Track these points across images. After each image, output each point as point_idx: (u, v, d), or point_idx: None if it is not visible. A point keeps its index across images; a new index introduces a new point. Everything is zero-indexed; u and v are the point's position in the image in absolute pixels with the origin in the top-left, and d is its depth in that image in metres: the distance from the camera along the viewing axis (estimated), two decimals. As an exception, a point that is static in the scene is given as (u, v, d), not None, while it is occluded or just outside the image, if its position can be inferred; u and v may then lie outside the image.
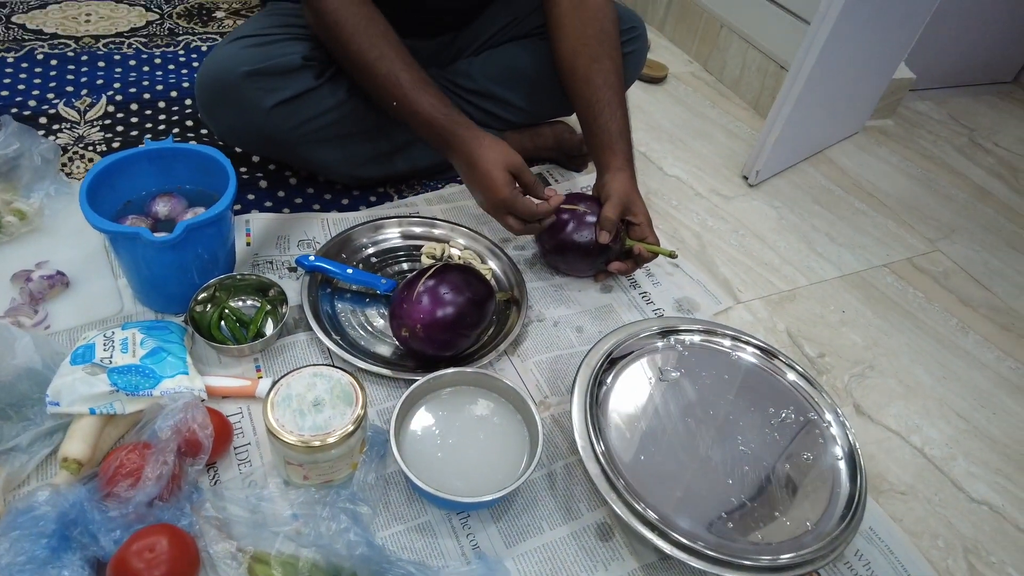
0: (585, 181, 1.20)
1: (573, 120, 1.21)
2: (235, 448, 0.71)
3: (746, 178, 1.30)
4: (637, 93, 1.52)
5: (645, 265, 1.00)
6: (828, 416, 0.78)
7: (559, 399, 0.81)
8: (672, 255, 0.92)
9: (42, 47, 1.28)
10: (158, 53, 1.33)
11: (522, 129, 1.15)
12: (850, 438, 0.76)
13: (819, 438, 0.76)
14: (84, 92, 1.17)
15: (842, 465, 0.74)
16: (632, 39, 1.05)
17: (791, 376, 0.82)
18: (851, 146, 1.53)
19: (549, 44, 0.99)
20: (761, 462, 0.73)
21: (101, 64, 1.26)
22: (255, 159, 1.08)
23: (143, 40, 1.36)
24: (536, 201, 0.86)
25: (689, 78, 1.66)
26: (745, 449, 0.73)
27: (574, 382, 0.75)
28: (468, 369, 0.72)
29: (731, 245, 1.14)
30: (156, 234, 0.73)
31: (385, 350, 0.82)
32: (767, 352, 0.84)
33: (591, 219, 0.91)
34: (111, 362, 0.68)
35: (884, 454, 0.85)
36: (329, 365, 0.67)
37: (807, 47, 1.12)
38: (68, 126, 1.09)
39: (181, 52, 1.35)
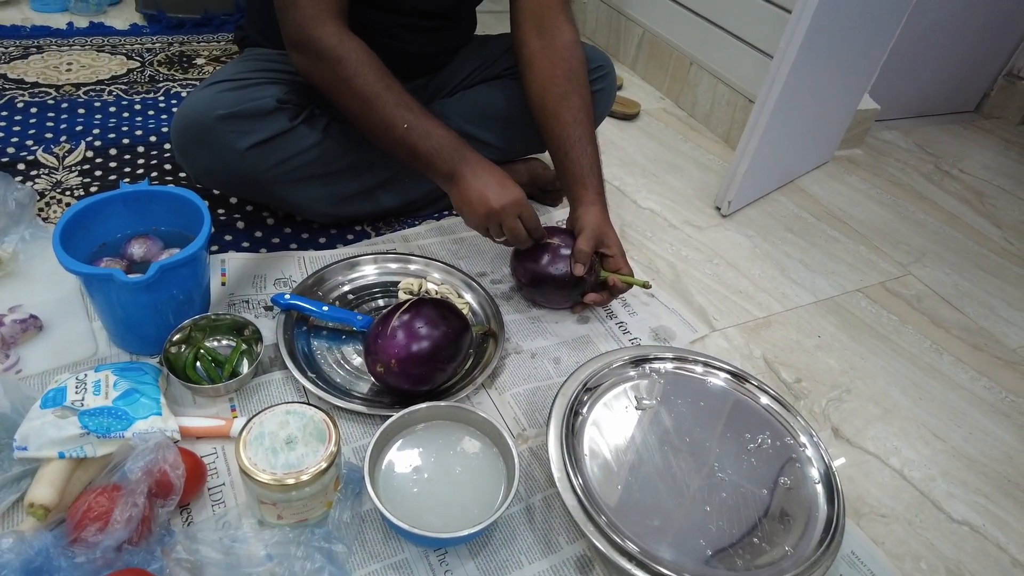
0: (560, 215, 1.22)
1: (547, 156, 1.24)
2: (209, 489, 0.70)
3: (719, 209, 1.33)
4: (611, 130, 1.55)
5: (621, 296, 1.02)
6: (803, 439, 0.79)
7: (537, 431, 0.81)
8: (646, 285, 0.94)
9: (23, 96, 1.29)
10: (138, 99, 1.35)
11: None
12: (826, 460, 0.76)
13: (795, 462, 0.76)
14: (63, 138, 1.19)
15: (819, 488, 0.74)
16: (600, 77, 1.08)
17: (764, 400, 0.82)
18: (821, 175, 1.57)
19: (520, 84, 1.02)
20: (739, 488, 0.73)
21: (81, 111, 1.27)
22: (232, 201, 1.09)
23: (124, 87, 1.38)
24: None
25: (661, 114, 1.71)
26: (723, 476, 0.73)
27: (550, 414, 0.75)
28: (443, 403, 0.72)
29: (706, 274, 1.16)
30: (130, 275, 0.73)
31: (362, 387, 0.82)
32: (739, 377, 0.84)
33: (566, 252, 0.92)
34: (83, 405, 0.68)
35: (864, 477, 0.86)
36: (302, 403, 0.67)
37: (771, 81, 1.16)
38: (46, 172, 1.10)
39: (161, 98, 1.37)
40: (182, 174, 1.14)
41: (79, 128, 1.22)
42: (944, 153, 1.80)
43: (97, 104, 1.30)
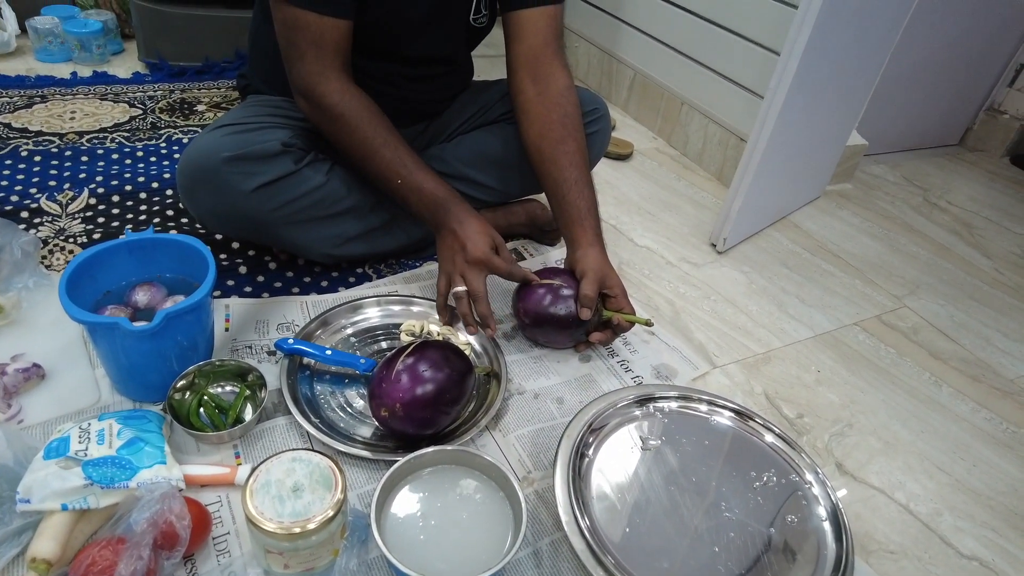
0: (558, 254, 1.23)
1: (544, 197, 1.26)
2: (214, 538, 0.69)
3: (714, 245, 1.35)
4: (606, 170, 1.58)
5: (622, 334, 1.02)
6: (809, 477, 0.78)
7: (542, 473, 0.80)
8: (648, 323, 0.95)
9: (27, 144, 1.31)
10: (140, 146, 1.37)
11: (496, 208, 1.19)
12: (832, 498, 0.76)
13: (802, 499, 0.76)
14: (66, 186, 1.20)
15: (827, 526, 0.73)
16: (595, 120, 1.11)
17: (769, 438, 0.82)
18: (814, 210, 1.59)
19: (517, 128, 1.04)
20: (747, 528, 0.72)
21: (84, 158, 1.29)
22: (234, 246, 1.10)
23: (126, 134, 1.40)
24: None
25: (654, 153, 1.74)
26: (730, 515, 0.73)
27: (556, 456, 0.75)
28: (448, 447, 0.72)
29: (704, 311, 1.17)
30: (136, 323, 0.74)
31: (365, 431, 0.82)
32: (743, 415, 0.85)
33: (567, 292, 0.93)
34: (86, 454, 0.67)
35: (870, 512, 0.85)
36: (308, 449, 0.67)
37: (762, 120, 1.19)
38: (49, 219, 1.11)
39: (163, 144, 1.39)
40: (184, 219, 1.16)
41: (82, 175, 1.24)
42: (931, 185, 1.84)
43: (100, 151, 1.32)
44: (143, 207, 1.18)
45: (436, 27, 0.99)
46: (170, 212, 1.17)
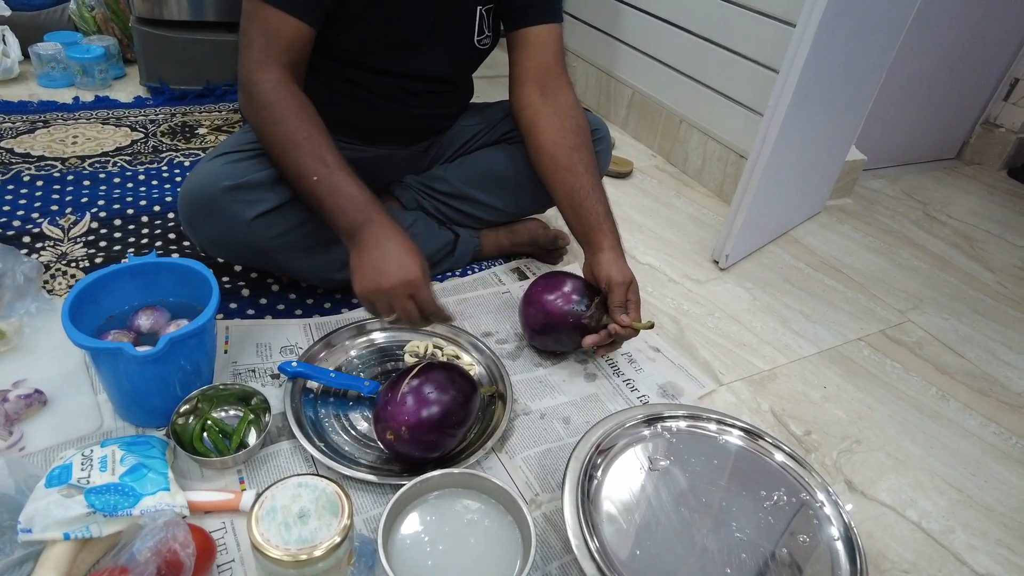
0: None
1: (545, 216, 1.26)
2: (218, 566, 0.68)
3: (717, 262, 1.35)
4: (606, 188, 1.58)
5: (627, 351, 1.02)
6: (820, 496, 0.78)
7: (550, 496, 0.79)
8: (650, 326, 0.92)
9: (29, 169, 1.31)
10: (142, 170, 1.37)
11: (498, 228, 1.19)
12: (845, 517, 0.75)
13: (813, 519, 0.75)
14: (68, 210, 1.20)
15: (840, 546, 0.72)
16: (598, 140, 1.12)
17: (779, 457, 0.82)
18: (815, 225, 1.60)
19: (524, 146, 1.04)
20: (758, 548, 0.71)
21: (86, 183, 1.29)
22: (237, 268, 1.10)
23: (128, 158, 1.41)
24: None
25: (654, 171, 1.75)
26: (741, 536, 0.72)
27: (564, 478, 0.74)
28: (455, 470, 0.71)
29: (708, 328, 1.16)
30: (139, 348, 0.73)
31: (370, 455, 0.81)
32: (752, 434, 0.84)
33: (577, 296, 0.94)
34: (89, 482, 0.67)
35: (882, 531, 0.84)
36: (313, 474, 0.66)
37: (762, 138, 1.20)
38: (51, 244, 1.11)
39: (164, 168, 1.39)
40: (186, 243, 1.16)
41: (84, 200, 1.24)
42: (931, 199, 1.84)
43: (102, 175, 1.32)
44: (145, 230, 1.18)
45: (438, 46, 0.99)
46: (172, 235, 1.17)
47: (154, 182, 1.33)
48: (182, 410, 0.79)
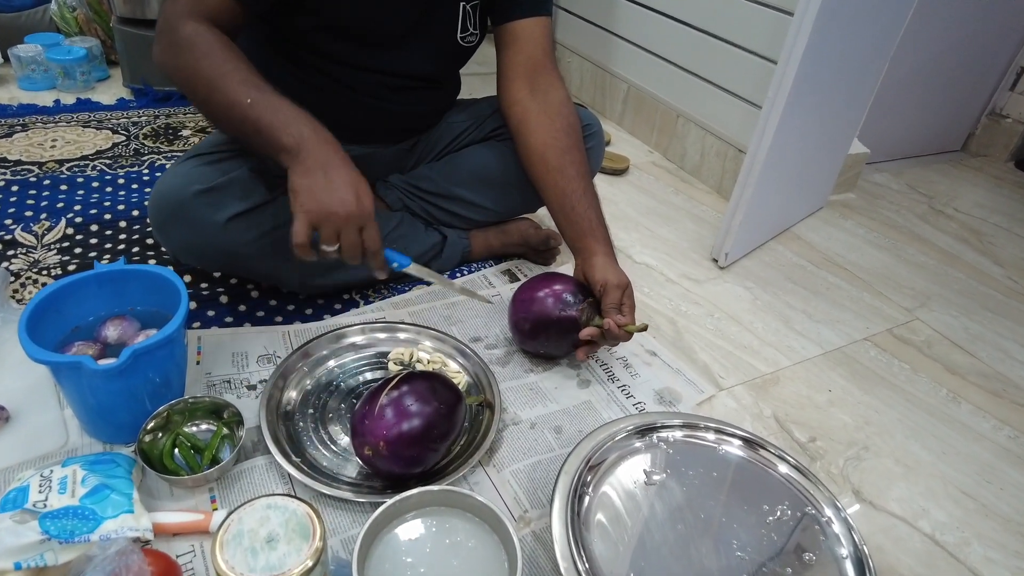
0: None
1: (537, 216, 1.22)
2: (183, 595, 0.64)
3: (716, 261, 1.30)
4: (601, 185, 1.54)
5: (623, 355, 0.98)
6: (827, 510, 0.73)
7: (540, 512, 0.75)
8: (643, 328, 0.88)
9: (4, 174, 1.27)
10: (122, 173, 1.33)
11: (487, 228, 1.15)
12: (853, 532, 0.70)
13: (820, 535, 0.71)
14: (43, 216, 1.16)
15: (849, 566, 0.68)
16: (589, 136, 1.07)
17: (782, 468, 0.77)
18: (817, 221, 1.55)
19: (513, 143, 1.00)
20: (761, 568, 0.67)
21: (63, 187, 1.25)
22: (216, 275, 1.06)
23: (108, 161, 1.37)
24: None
25: (651, 167, 1.70)
26: (742, 555, 0.68)
27: (553, 495, 0.69)
28: (434, 488, 0.66)
29: (707, 330, 1.12)
30: (101, 361, 0.69)
31: (350, 470, 0.77)
32: (754, 443, 0.79)
33: (569, 298, 0.90)
34: (46, 505, 0.63)
35: (893, 544, 0.80)
36: (284, 495, 0.62)
37: (761, 132, 1.15)
38: (24, 251, 1.07)
39: (145, 171, 1.35)
40: (164, 248, 1.11)
41: (60, 205, 1.20)
42: (936, 193, 1.79)
43: (80, 180, 1.28)
44: (122, 236, 1.14)
45: (419, 44, 0.95)
46: (150, 241, 1.13)
47: (134, 186, 1.29)
48: (149, 426, 0.75)
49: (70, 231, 1.13)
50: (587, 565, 0.63)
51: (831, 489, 0.76)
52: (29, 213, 1.17)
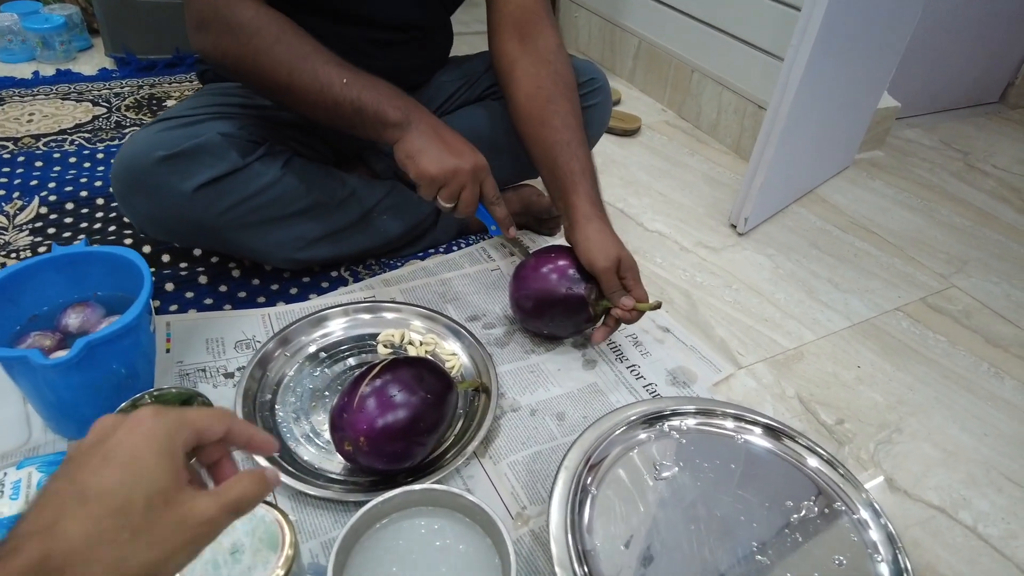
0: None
1: (539, 182, 1.13)
2: (146, 609, 0.58)
3: (734, 227, 1.21)
4: (611, 147, 1.44)
5: (632, 332, 0.90)
6: (859, 506, 0.65)
7: (539, 508, 0.68)
8: (657, 306, 0.81)
9: (-23, 152, 1.21)
10: (102, 147, 1.26)
11: (485, 195, 1.06)
12: (889, 531, 0.63)
13: (850, 535, 0.63)
14: (16, 195, 1.10)
15: (884, 569, 0.61)
16: (592, 92, 0.98)
17: (811, 461, 0.69)
18: (843, 182, 1.44)
19: (505, 103, 0.92)
20: (784, 573, 0.60)
21: (38, 163, 1.19)
22: (196, 253, 0.99)
23: (87, 135, 1.30)
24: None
25: (664, 127, 1.60)
26: (763, 558, 0.61)
27: (551, 493, 0.63)
28: (417, 487, 0.60)
29: (725, 302, 1.03)
30: (55, 354, 0.63)
31: (334, 466, 0.71)
32: (777, 431, 0.72)
33: (573, 271, 0.83)
34: (-3, 513, 0.57)
35: (930, 538, 0.72)
36: (249, 501, 0.55)
37: (783, 85, 1.05)
38: (-6, 233, 1.01)
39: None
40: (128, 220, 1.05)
41: (34, 183, 1.13)
42: (972, 148, 1.67)
43: (56, 155, 1.22)
44: (99, 214, 1.07)
45: None
46: (127, 219, 1.06)
47: (113, 161, 1.22)
48: (113, 422, 0.69)
49: (44, 210, 1.07)
50: (586, 569, 0.56)
51: (860, 478, 0.68)
52: (1, 192, 1.10)
